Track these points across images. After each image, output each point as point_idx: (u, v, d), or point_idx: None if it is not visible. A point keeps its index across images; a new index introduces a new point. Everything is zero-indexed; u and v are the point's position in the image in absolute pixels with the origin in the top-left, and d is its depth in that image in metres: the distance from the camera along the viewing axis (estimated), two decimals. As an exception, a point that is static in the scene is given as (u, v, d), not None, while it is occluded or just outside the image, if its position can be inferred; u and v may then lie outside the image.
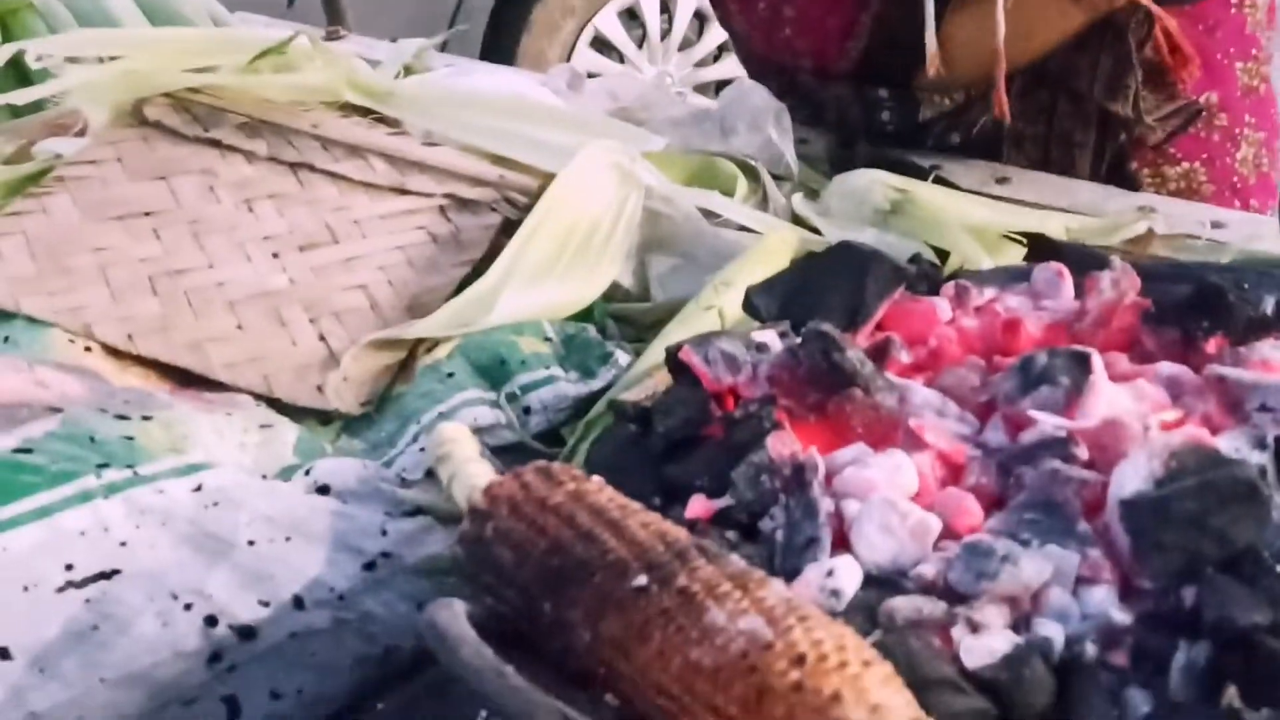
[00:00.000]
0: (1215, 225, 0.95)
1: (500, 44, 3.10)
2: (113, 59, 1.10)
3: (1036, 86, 1.13)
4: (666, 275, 1.01)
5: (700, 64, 3.36)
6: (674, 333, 0.86)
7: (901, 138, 1.17)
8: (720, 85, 2.28)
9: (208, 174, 1.01)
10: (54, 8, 1.47)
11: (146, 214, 0.97)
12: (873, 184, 1.01)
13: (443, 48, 2.96)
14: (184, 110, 1.07)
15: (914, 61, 1.07)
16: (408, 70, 1.44)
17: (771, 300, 0.73)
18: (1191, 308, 0.63)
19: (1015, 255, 0.91)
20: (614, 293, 0.99)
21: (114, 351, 0.85)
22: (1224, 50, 1.16)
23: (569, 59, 3.17)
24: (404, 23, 2.81)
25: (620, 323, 0.98)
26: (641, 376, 0.83)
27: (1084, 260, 0.71)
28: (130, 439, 0.70)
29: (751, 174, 1.10)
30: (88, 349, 0.84)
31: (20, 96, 1.11)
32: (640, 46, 3.27)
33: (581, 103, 1.23)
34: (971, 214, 0.93)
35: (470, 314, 0.89)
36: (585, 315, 0.95)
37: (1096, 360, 0.58)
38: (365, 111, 1.12)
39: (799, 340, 0.63)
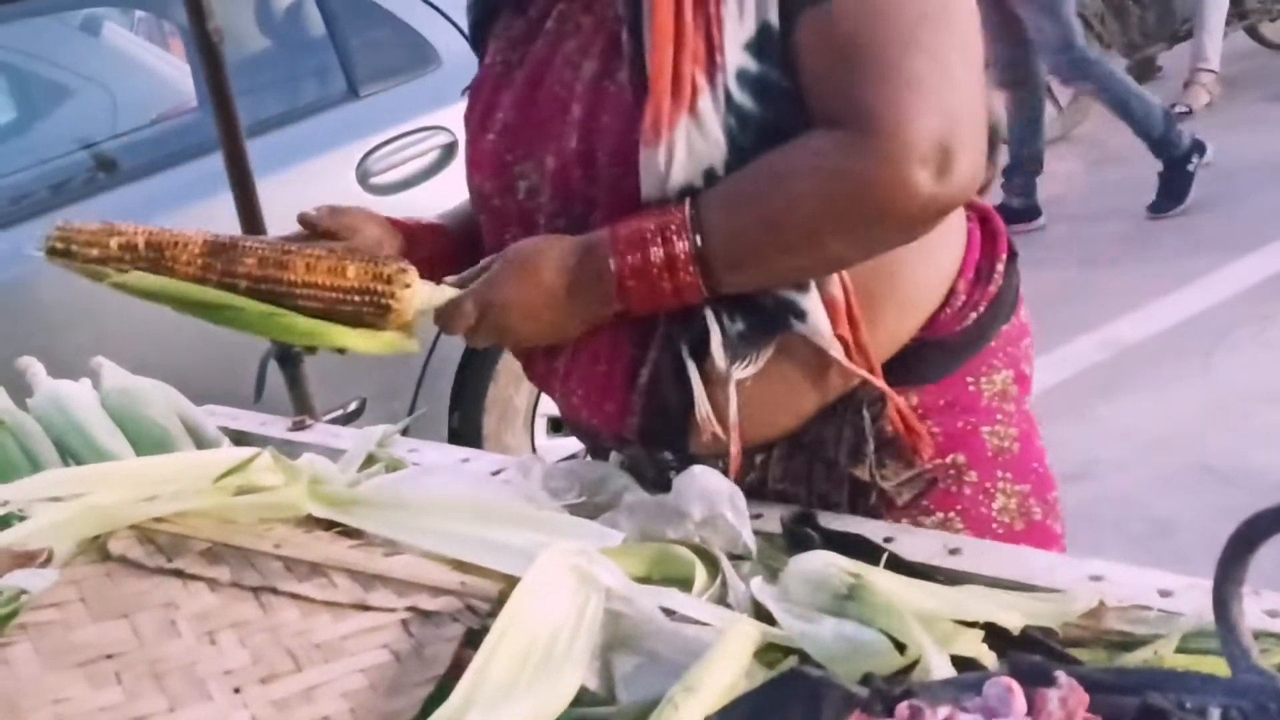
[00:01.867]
0: (1163, 594, 0.97)
1: (467, 398, 3.19)
2: (78, 495, 1.12)
3: (795, 452, 1.23)
4: (631, 675, 1.01)
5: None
6: (639, 750, 0.85)
7: None
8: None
9: (170, 607, 1.03)
10: (24, 423, 1.52)
11: (108, 657, 0.97)
12: (828, 568, 1.03)
13: (411, 407, 3.03)
14: (148, 541, 1.09)
15: (686, 430, 1.20)
16: (371, 460, 1.49)
17: (729, 730, 0.73)
18: (1139, 727, 0.63)
19: (971, 640, 0.92)
20: (580, 695, 0.98)
21: (71, 815, 0.84)
22: (964, 419, 1.24)
23: (535, 405, 3.25)
24: (372, 394, 2.90)
25: (587, 729, 0.97)
26: (609, 803, 0.82)
27: (1032, 671, 0.72)
28: None
29: (709, 559, 1.12)
30: (44, 815, 0.83)
31: None
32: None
33: (539, 493, 1.26)
34: (923, 602, 0.95)
35: (434, 742, 0.88)
36: (552, 726, 0.94)
37: (1050, 802, 0.59)
38: (329, 524, 1.15)
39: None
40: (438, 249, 1.34)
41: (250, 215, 2.29)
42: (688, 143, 1.11)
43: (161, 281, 1.18)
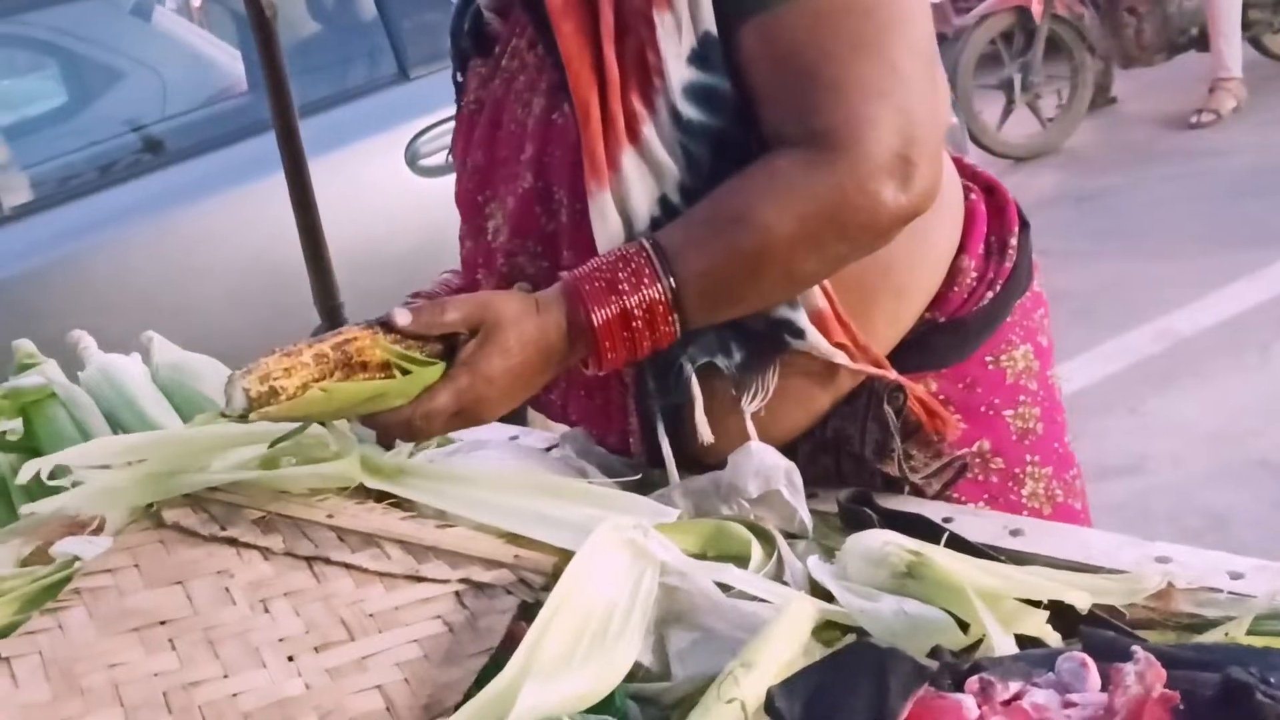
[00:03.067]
0: (1234, 576, 0.94)
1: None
2: (131, 462, 1.12)
3: (820, 452, 1.20)
4: (686, 651, 1.00)
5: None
6: (696, 724, 0.84)
7: None
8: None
9: (224, 575, 1.02)
10: (76, 395, 1.53)
11: (162, 623, 0.97)
12: (886, 546, 1.01)
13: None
14: (201, 509, 1.09)
15: (692, 448, 1.17)
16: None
17: (794, 703, 0.72)
18: (1220, 704, 0.61)
19: (1035, 620, 0.90)
20: (634, 671, 0.97)
21: (126, 778, 0.83)
22: (986, 403, 1.22)
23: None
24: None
25: (642, 704, 0.96)
26: (665, 776, 0.81)
27: (1107, 647, 0.70)
28: None
29: (765, 537, 1.10)
30: (99, 778, 0.83)
31: (43, 507, 1.13)
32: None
33: (593, 470, 1.25)
34: (986, 580, 0.93)
35: (489, 713, 0.87)
36: (607, 700, 0.93)
37: (1132, 777, 0.57)
38: (381, 495, 1.14)
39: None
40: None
41: (302, 195, 2.29)
42: (637, 175, 1.09)
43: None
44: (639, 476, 1.19)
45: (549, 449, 1.34)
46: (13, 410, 1.51)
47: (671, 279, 1.06)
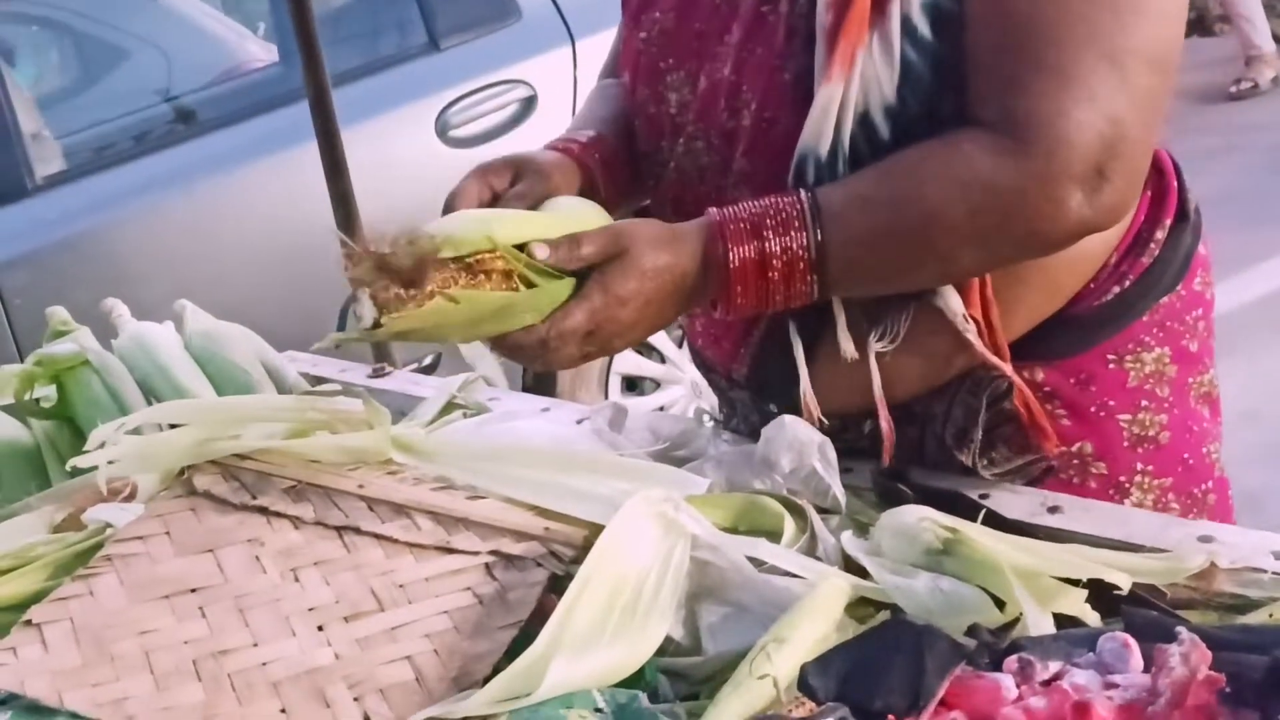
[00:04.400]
0: (1278, 556, 0.93)
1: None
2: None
3: (905, 424, 1.13)
4: (717, 625, 0.99)
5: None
6: (728, 700, 0.83)
7: None
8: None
9: (254, 543, 1.02)
10: (109, 363, 1.53)
11: (193, 590, 0.97)
12: (922, 523, 1.00)
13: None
14: (232, 478, 1.08)
15: (793, 389, 1.12)
16: (452, 406, 1.47)
17: (828, 680, 0.71)
18: (1268, 687, 0.60)
19: (1074, 599, 0.88)
20: (665, 645, 0.96)
21: (156, 745, 0.84)
22: (1098, 402, 1.13)
23: (610, 363, 3.24)
24: (447, 349, 2.90)
25: (672, 678, 0.95)
26: (697, 752, 0.80)
27: (1150, 627, 0.68)
28: None
29: (798, 511, 1.09)
30: (129, 744, 0.83)
31: (85, 462, 1.12)
32: (680, 346, 3.35)
33: (622, 442, 1.24)
34: (1023, 558, 0.91)
35: (519, 686, 0.87)
36: (637, 674, 0.93)
37: (1177, 760, 0.55)
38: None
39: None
40: (606, 164, 1.23)
41: (335, 165, 2.28)
42: (860, 78, 1.01)
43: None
44: (665, 446, 1.17)
45: (580, 421, 1.33)
46: (47, 377, 1.51)
47: (820, 233, 1.01)
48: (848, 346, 1.08)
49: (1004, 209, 0.97)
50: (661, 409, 3.09)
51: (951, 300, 1.06)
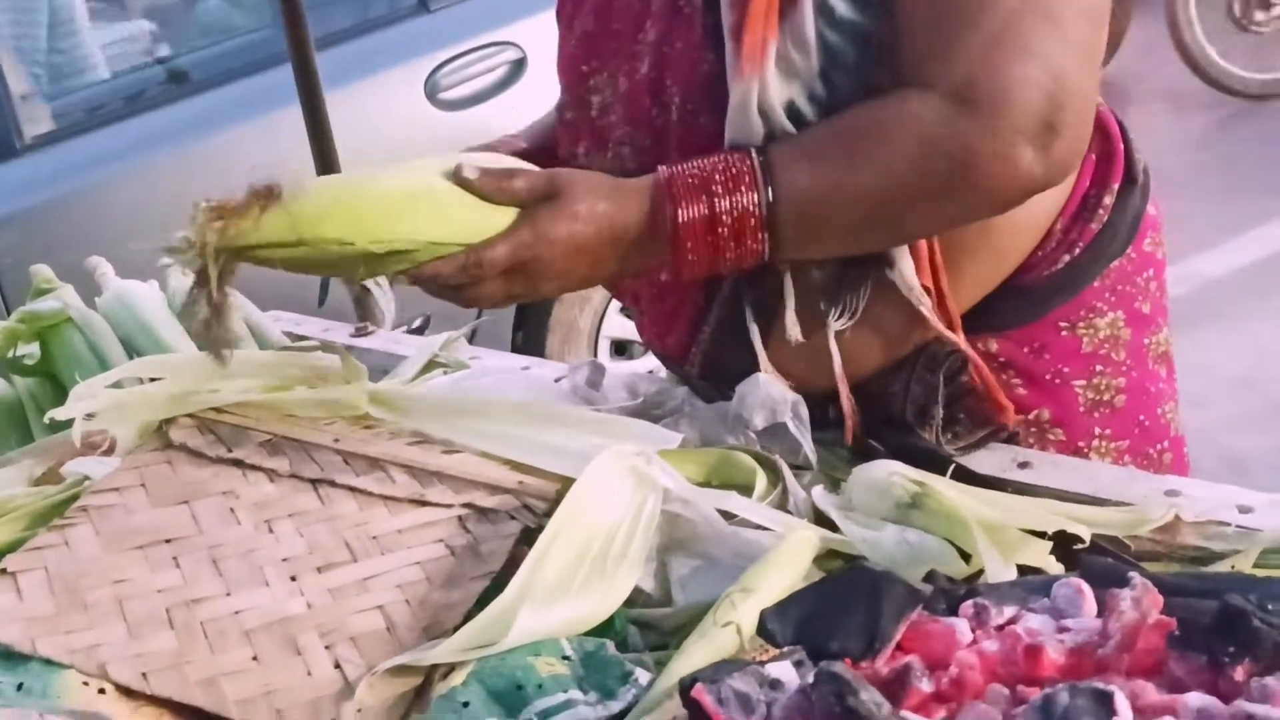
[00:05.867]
0: (1243, 510, 0.93)
1: (531, 318, 3.18)
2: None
3: (864, 405, 1.12)
4: (688, 578, 1.00)
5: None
6: (694, 648, 0.84)
7: None
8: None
9: (229, 495, 1.03)
10: (92, 320, 1.53)
11: (167, 541, 0.98)
12: (891, 477, 1.01)
13: (472, 335, 3.03)
14: (208, 431, 1.09)
15: (749, 368, 1.11)
16: (433, 364, 1.48)
17: (786, 625, 0.71)
18: (1216, 631, 0.61)
19: (1039, 551, 0.89)
20: (635, 597, 0.97)
21: (128, 691, 0.84)
22: (1053, 370, 1.13)
23: (599, 327, 3.24)
24: (436, 311, 2.90)
25: (642, 628, 0.96)
26: (661, 698, 0.81)
27: (1104, 573, 0.69)
28: (134, 797, 0.69)
29: (770, 467, 1.10)
30: (101, 690, 0.84)
31: (64, 414, 1.12)
32: None
33: (599, 399, 1.25)
34: (989, 511, 0.92)
35: (488, 634, 0.88)
36: (607, 623, 0.94)
37: (1121, 701, 0.56)
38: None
39: (812, 680, 0.62)
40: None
41: (319, 129, 2.28)
42: (780, 68, 1.01)
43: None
44: (639, 401, 1.17)
45: (558, 380, 1.34)
46: (30, 334, 1.52)
47: (770, 190, 0.99)
48: (794, 331, 1.08)
49: (953, 169, 0.97)
50: (651, 374, 3.09)
51: (907, 272, 1.06)
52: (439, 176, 1.01)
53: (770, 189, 0.99)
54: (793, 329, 1.08)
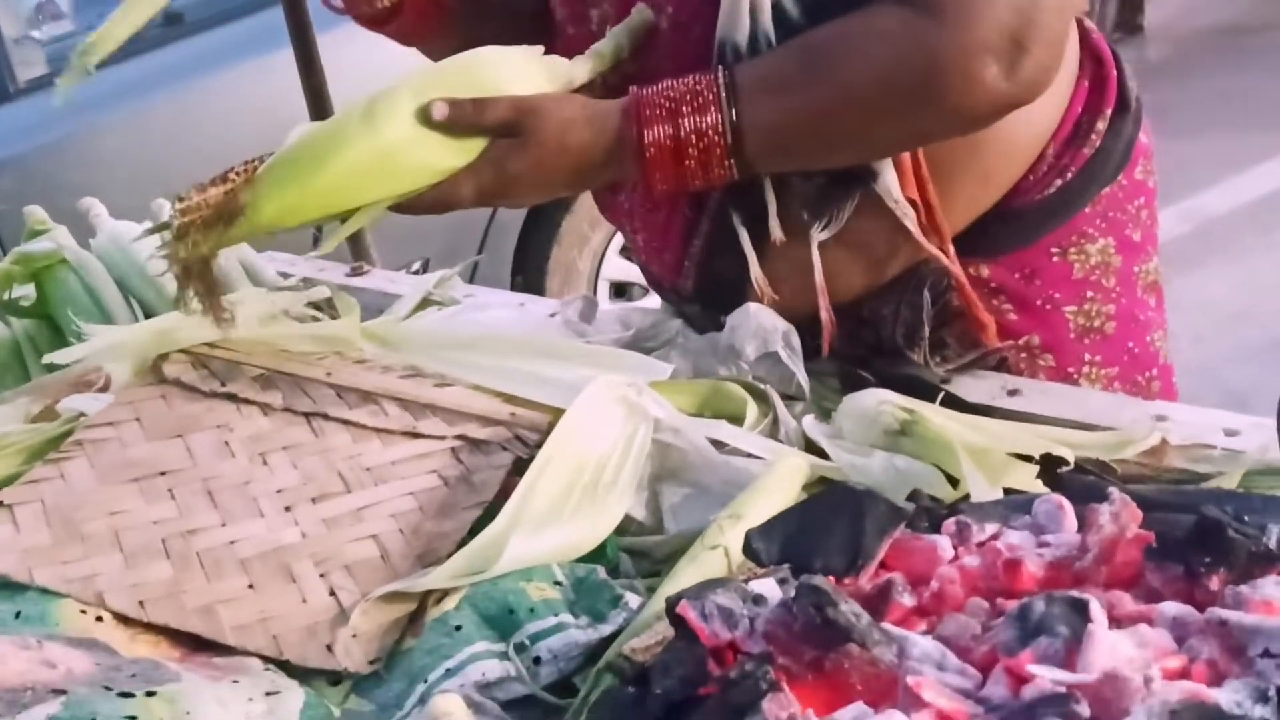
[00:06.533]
0: (1229, 433, 0.94)
1: (530, 260, 3.18)
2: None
3: (855, 329, 1.14)
4: (679, 506, 1.01)
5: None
6: (683, 572, 0.85)
7: None
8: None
9: (223, 429, 1.03)
10: (87, 261, 1.53)
11: (162, 474, 0.98)
12: (881, 405, 1.01)
13: (473, 271, 3.01)
14: (202, 366, 1.10)
15: (743, 295, 1.12)
16: (428, 301, 1.48)
17: (771, 544, 0.72)
18: (1192, 543, 0.61)
19: (1025, 475, 0.90)
20: (627, 525, 0.98)
21: (125, 619, 0.85)
22: (1044, 295, 1.14)
23: (599, 269, 3.24)
24: (435, 255, 2.90)
25: (634, 556, 0.97)
26: (651, 620, 0.82)
27: (1085, 490, 0.70)
28: (133, 719, 0.70)
29: (762, 397, 1.10)
30: (99, 618, 0.85)
31: (61, 358, 1.13)
32: None
33: (593, 332, 1.25)
34: (976, 437, 0.93)
35: (480, 561, 0.89)
36: (599, 551, 0.95)
37: (1095, 608, 0.57)
38: (379, 358, 1.14)
39: (794, 594, 0.62)
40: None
41: (311, 70, 2.26)
42: None
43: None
44: (631, 333, 1.17)
45: (552, 315, 1.34)
46: (24, 276, 1.52)
47: (734, 112, 1.00)
48: (777, 232, 1.08)
49: (916, 82, 0.97)
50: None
51: (891, 185, 1.06)
52: (406, 121, 1.00)
53: (735, 111, 1.00)
54: (775, 230, 1.08)
